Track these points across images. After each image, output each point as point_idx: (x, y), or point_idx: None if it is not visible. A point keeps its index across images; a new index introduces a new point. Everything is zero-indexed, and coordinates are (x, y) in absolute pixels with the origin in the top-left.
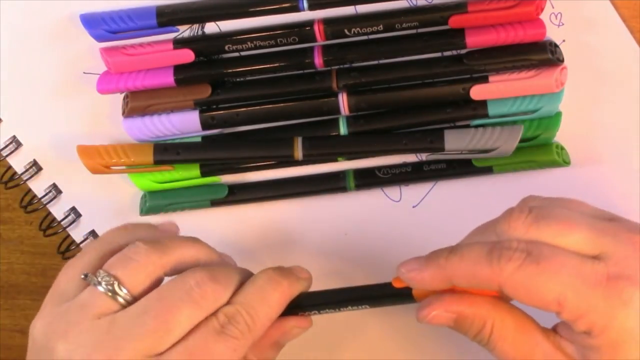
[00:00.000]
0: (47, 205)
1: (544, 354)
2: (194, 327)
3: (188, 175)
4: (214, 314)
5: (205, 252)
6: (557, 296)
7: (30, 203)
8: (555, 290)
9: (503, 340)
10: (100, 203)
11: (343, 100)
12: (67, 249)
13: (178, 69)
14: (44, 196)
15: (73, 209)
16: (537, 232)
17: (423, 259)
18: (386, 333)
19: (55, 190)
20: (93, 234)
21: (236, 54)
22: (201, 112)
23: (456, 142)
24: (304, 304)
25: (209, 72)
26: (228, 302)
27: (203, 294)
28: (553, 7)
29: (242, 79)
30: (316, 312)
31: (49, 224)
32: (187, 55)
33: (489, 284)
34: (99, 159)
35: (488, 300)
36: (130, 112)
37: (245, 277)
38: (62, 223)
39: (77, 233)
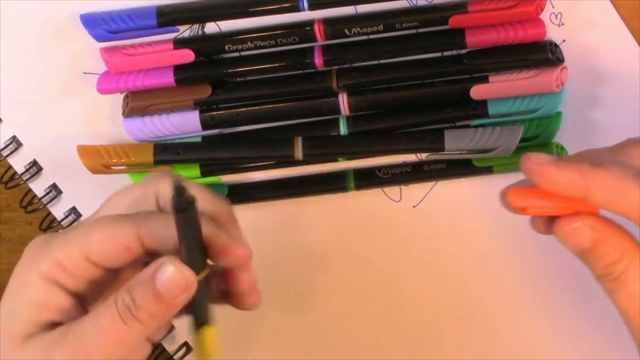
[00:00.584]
0: (47, 205)
1: None
2: None
3: (188, 175)
4: None
5: None
6: None
7: (30, 203)
8: None
9: (634, 281)
10: (101, 203)
11: (343, 100)
12: None
13: (178, 69)
14: (44, 196)
15: (73, 209)
16: None
17: (558, 157)
18: None
19: (55, 190)
20: None
21: (236, 54)
22: (201, 112)
23: (456, 142)
24: None
25: (209, 72)
26: None
27: None
28: (553, 7)
29: (242, 79)
30: None
31: (49, 224)
32: (187, 55)
33: (633, 207)
34: (99, 159)
35: (630, 236)
36: (130, 112)
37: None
38: (62, 223)
39: None
